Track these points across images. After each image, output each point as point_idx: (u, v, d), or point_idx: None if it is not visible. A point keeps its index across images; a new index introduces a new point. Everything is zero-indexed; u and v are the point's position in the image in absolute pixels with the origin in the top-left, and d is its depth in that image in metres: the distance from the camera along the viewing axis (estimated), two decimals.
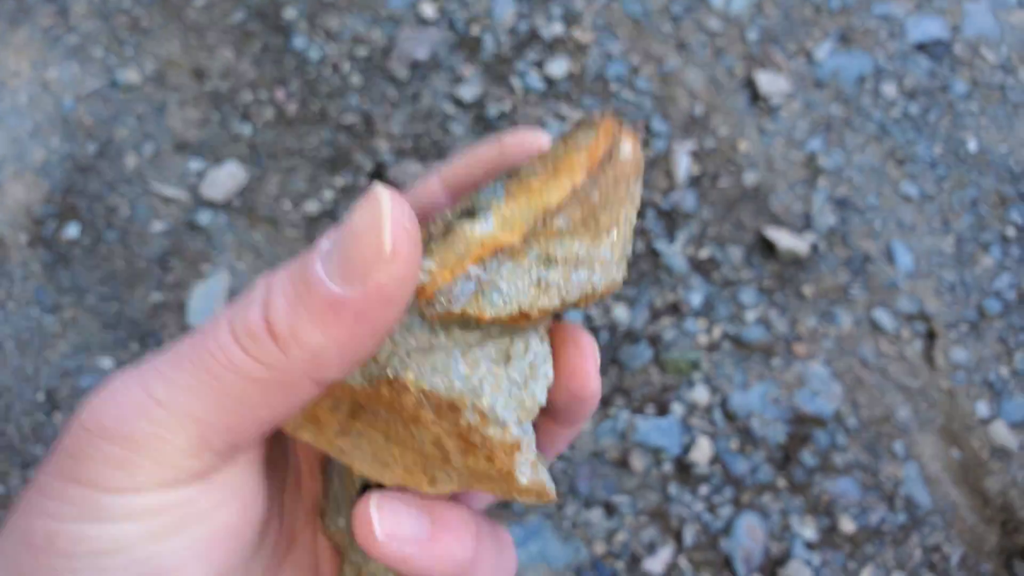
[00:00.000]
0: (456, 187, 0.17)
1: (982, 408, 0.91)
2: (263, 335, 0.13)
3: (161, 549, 0.13)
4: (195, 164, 0.90)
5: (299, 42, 0.95)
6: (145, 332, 0.83)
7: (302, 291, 0.13)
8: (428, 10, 0.98)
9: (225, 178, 0.88)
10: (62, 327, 0.83)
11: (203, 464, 0.14)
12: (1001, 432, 0.90)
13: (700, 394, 0.85)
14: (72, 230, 0.87)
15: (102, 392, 0.14)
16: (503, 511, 0.79)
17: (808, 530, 0.82)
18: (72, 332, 0.82)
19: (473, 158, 0.17)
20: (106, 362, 0.81)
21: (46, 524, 0.13)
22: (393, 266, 0.13)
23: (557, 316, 0.17)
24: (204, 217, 0.87)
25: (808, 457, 0.84)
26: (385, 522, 0.14)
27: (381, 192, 0.13)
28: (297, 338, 0.13)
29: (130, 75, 0.92)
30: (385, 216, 0.13)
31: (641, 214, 0.93)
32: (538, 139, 0.16)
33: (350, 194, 0.90)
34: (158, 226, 0.88)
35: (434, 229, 0.15)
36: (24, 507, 0.13)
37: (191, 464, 0.14)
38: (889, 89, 1.03)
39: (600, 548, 0.78)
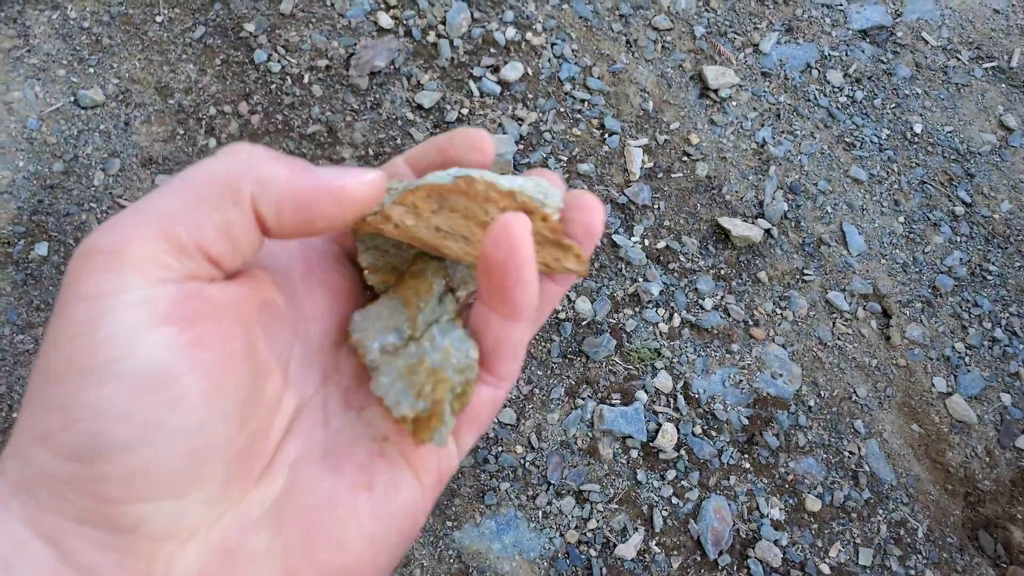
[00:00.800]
0: (416, 167, 0.21)
1: (940, 383, 0.93)
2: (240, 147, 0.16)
3: (162, 342, 0.14)
4: (162, 179, 0.92)
5: (260, 56, 0.97)
6: None
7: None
8: (385, 19, 1.01)
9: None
10: (35, 344, 0.84)
11: (184, 265, 0.15)
12: (959, 406, 0.92)
13: (663, 381, 0.87)
14: (41, 248, 0.88)
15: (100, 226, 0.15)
16: (478, 504, 0.80)
17: (775, 510, 0.83)
18: None
19: (431, 145, 0.20)
20: None
21: (61, 351, 0.13)
22: (368, 187, 0.17)
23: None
24: None
25: (771, 438, 0.86)
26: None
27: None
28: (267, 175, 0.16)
29: (93, 93, 0.93)
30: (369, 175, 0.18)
31: None
32: (479, 136, 0.20)
33: None
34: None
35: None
36: (43, 343, 0.14)
37: (171, 262, 0.14)
38: (835, 76, 1.06)
39: (573, 536, 0.80)
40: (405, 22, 1.01)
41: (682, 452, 0.84)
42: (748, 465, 0.86)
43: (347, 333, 0.18)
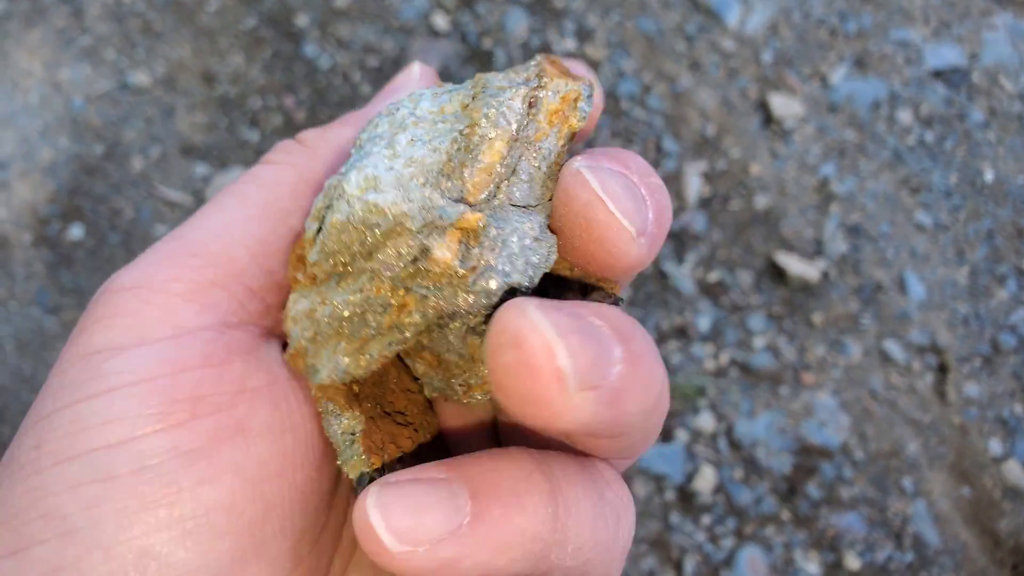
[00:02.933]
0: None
1: (995, 446, 0.88)
2: (289, 145, 0.15)
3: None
4: (201, 169, 0.90)
5: (310, 50, 0.95)
6: None
7: (337, 121, 0.16)
8: (440, 22, 0.98)
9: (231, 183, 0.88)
10: (62, 328, 0.82)
11: (220, 305, 0.12)
12: (1015, 471, 0.87)
13: (705, 421, 0.83)
14: (76, 231, 0.87)
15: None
16: None
17: (812, 565, 0.79)
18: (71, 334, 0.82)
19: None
20: None
21: (35, 432, 0.11)
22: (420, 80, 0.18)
23: None
24: None
25: (813, 490, 0.82)
26: (394, 517, 0.09)
27: None
28: (325, 137, 0.15)
29: (140, 78, 0.92)
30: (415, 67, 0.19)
31: None
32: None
33: None
34: (161, 230, 0.87)
35: None
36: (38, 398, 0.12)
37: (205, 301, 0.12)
38: (904, 115, 1.02)
39: None
40: (461, 26, 0.98)
41: (719, 497, 0.80)
42: (787, 516, 0.82)
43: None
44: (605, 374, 0.09)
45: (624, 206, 0.11)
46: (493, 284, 0.12)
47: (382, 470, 0.13)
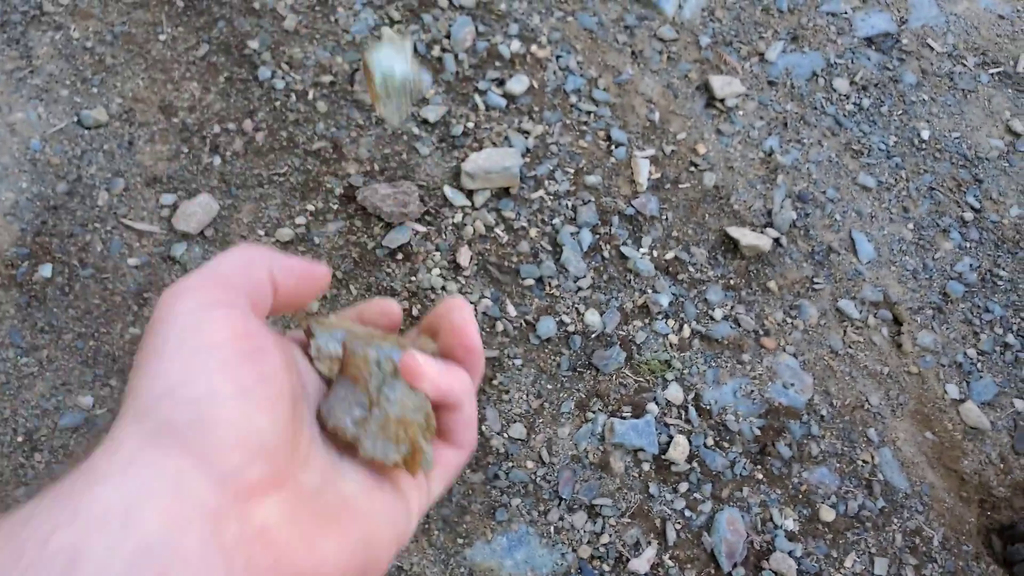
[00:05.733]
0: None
1: (952, 390, 0.93)
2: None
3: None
4: (167, 198, 0.92)
5: (264, 73, 0.97)
6: (124, 367, 0.84)
7: None
8: (389, 34, 1.00)
9: (198, 210, 0.90)
10: (39, 367, 0.84)
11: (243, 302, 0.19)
12: (973, 412, 0.92)
13: (674, 393, 0.86)
14: (45, 270, 0.88)
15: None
16: (489, 520, 0.80)
17: (789, 521, 0.83)
18: (50, 371, 0.83)
19: (352, 311, 0.25)
20: (86, 399, 0.82)
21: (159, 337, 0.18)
22: None
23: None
24: (179, 249, 0.88)
25: (784, 448, 0.86)
26: (427, 364, 0.22)
27: None
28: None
29: (97, 113, 0.93)
30: None
31: (607, 220, 0.95)
32: (387, 305, 0.25)
33: (321, 218, 0.91)
34: (133, 261, 0.89)
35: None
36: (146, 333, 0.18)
37: (236, 299, 0.19)
38: (841, 84, 1.06)
39: (585, 551, 0.79)
40: (410, 37, 1.01)
41: (694, 464, 0.84)
42: (761, 476, 0.85)
43: (323, 423, 0.22)
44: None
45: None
46: None
47: None
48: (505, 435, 0.83)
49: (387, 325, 0.25)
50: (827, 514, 0.85)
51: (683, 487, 0.83)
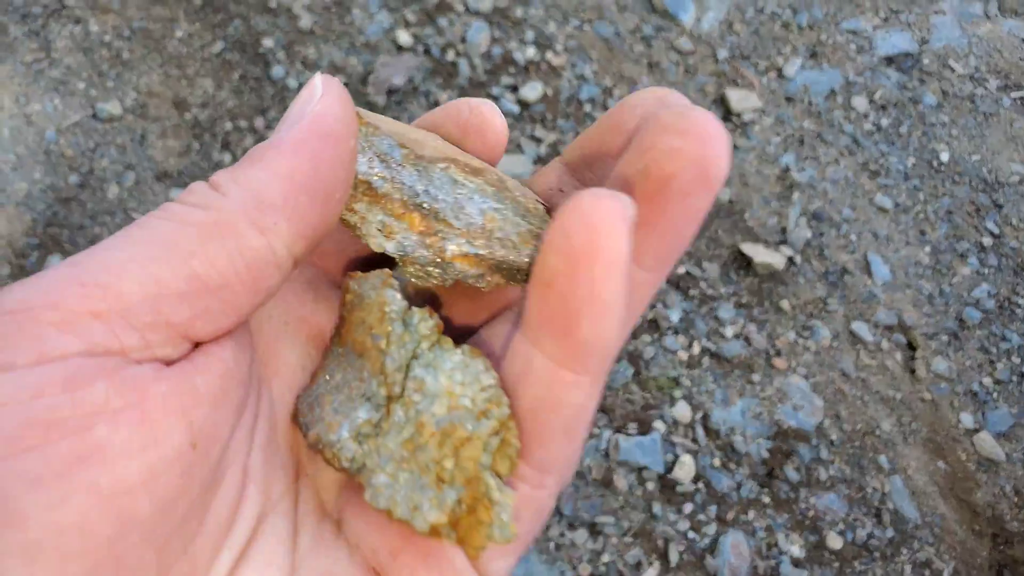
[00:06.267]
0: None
1: (967, 419, 0.90)
2: (201, 187, 0.14)
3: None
4: (176, 193, 0.92)
5: (278, 71, 0.97)
6: None
7: (244, 156, 0.14)
8: (404, 37, 1.00)
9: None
10: None
11: (115, 336, 0.12)
12: (987, 443, 0.89)
13: (682, 411, 0.85)
14: (54, 261, 0.88)
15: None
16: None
17: (795, 547, 0.81)
18: None
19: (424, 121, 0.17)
20: None
21: None
22: (325, 99, 0.14)
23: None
24: None
25: (792, 472, 0.84)
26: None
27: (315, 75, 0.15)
28: (236, 179, 0.13)
29: (112, 107, 0.93)
30: (316, 78, 0.15)
31: None
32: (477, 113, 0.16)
33: None
34: None
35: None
36: None
37: (96, 330, 0.12)
38: (860, 102, 1.05)
39: (586, 570, 0.77)
40: (424, 40, 1.00)
41: (700, 485, 0.82)
42: (768, 500, 0.83)
43: (300, 424, 0.13)
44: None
45: None
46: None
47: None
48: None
49: (482, 151, 0.15)
50: (834, 541, 0.83)
51: (688, 508, 0.81)
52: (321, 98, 0.14)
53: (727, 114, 1.03)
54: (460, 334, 0.14)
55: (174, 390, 0.12)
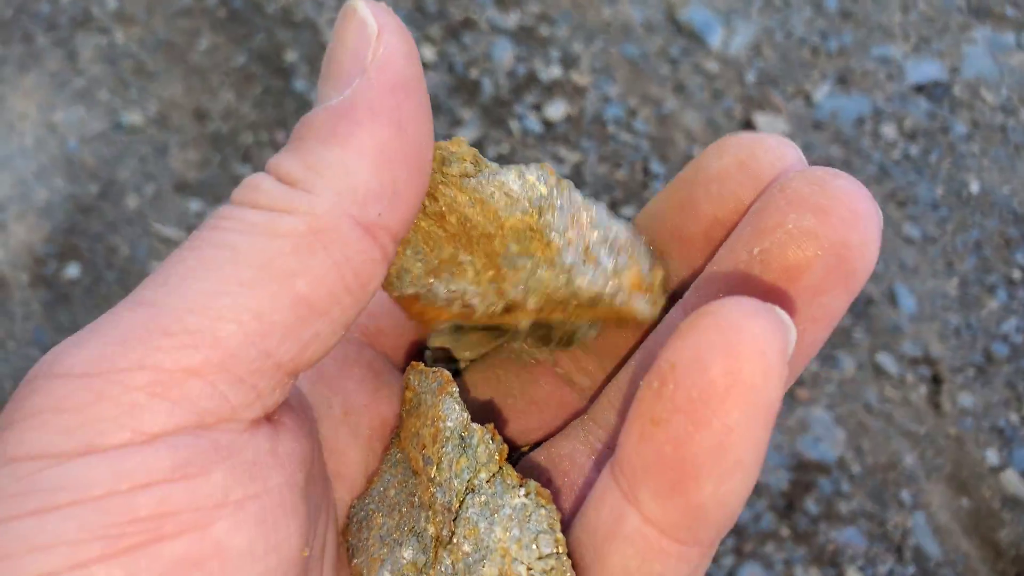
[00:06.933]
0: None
1: (991, 456, 0.89)
2: (269, 183, 0.10)
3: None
4: (195, 205, 0.91)
5: (299, 85, 0.96)
6: None
7: (304, 131, 0.10)
8: (427, 53, 1.00)
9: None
10: None
11: (230, 400, 0.10)
12: (1012, 481, 0.88)
13: None
14: (72, 270, 0.88)
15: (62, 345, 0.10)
16: None
17: None
18: None
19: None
20: None
21: None
22: (386, 36, 0.11)
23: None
24: None
25: (812, 505, 0.82)
26: None
27: (354, 2, 0.11)
28: (315, 168, 0.10)
29: (134, 117, 0.93)
30: (359, 8, 0.11)
31: None
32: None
33: None
34: (157, 266, 0.88)
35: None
36: None
37: (190, 394, 0.09)
38: (889, 130, 1.03)
39: None
40: (448, 56, 1.00)
41: None
42: (786, 532, 0.82)
43: (344, 545, 0.11)
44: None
45: None
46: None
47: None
48: None
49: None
50: None
51: None
52: (380, 35, 0.11)
53: None
54: (519, 447, 0.12)
55: (288, 481, 0.10)
